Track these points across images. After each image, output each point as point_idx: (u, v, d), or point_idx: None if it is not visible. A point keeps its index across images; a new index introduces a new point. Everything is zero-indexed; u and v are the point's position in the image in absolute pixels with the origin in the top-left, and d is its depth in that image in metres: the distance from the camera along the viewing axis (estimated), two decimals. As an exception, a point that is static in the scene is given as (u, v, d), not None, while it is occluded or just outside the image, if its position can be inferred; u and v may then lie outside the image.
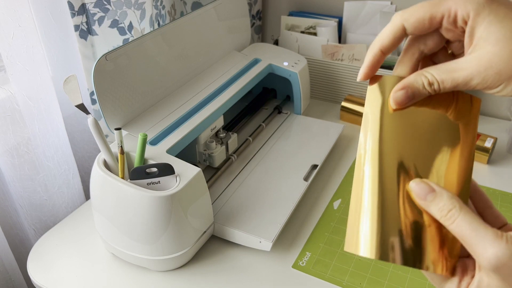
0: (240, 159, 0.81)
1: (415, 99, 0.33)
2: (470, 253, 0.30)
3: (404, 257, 0.32)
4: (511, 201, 0.74)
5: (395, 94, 0.33)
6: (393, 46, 0.33)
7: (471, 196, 0.34)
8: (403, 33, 0.32)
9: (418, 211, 0.33)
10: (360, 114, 0.95)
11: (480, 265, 0.30)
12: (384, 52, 0.33)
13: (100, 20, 0.75)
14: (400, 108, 0.34)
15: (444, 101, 0.34)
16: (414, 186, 0.33)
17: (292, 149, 0.84)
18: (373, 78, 0.36)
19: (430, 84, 0.32)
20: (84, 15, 0.72)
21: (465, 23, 0.31)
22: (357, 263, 0.63)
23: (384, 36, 0.33)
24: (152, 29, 0.85)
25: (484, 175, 0.81)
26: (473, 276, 0.31)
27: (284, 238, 0.68)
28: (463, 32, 0.32)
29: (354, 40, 1.05)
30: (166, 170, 0.58)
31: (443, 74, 0.31)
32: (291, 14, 1.12)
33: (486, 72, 0.30)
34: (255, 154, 0.82)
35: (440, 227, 0.32)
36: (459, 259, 0.33)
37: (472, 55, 0.30)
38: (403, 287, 0.60)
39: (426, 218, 0.32)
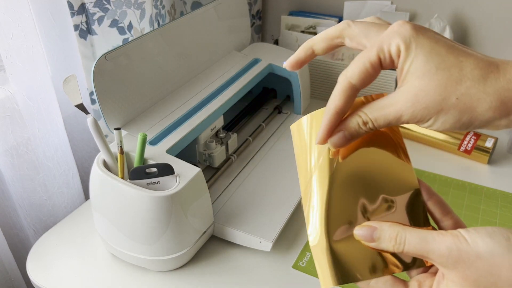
0: (240, 159, 0.81)
1: (353, 139, 0.33)
2: (432, 263, 0.31)
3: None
4: (511, 201, 0.74)
5: (333, 137, 0.33)
6: (347, 107, 0.33)
7: (426, 201, 0.35)
8: (354, 91, 0.32)
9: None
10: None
11: (441, 271, 0.31)
12: (340, 114, 0.33)
13: (100, 20, 0.74)
14: (338, 148, 0.34)
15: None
16: (359, 232, 0.33)
17: (292, 149, 0.83)
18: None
19: (365, 124, 0.32)
20: (84, 15, 0.72)
21: (399, 57, 0.31)
22: (357, 264, 0.63)
23: (336, 99, 0.32)
24: (152, 28, 0.85)
25: (484, 175, 0.81)
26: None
27: (284, 238, 0.68)
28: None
29: (354, 40, 1.05)
30: (166, 170, 0.58)
31: (375, 112, 0.31)
32: (291, 13, 1.12)
33: (414, 107, 0.29)
34: (255, 154, 0.82)
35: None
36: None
37: (401, 90, 0.31)
38: (403, 287, 0.60)
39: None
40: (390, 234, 0.32)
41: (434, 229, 0.33)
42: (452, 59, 0.29)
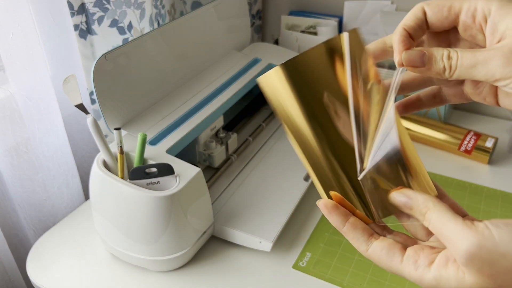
0: (240, 159, 0.81)
1: (427, 69, 0.32)
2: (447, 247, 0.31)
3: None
4: (512, 201, 0.74)
5: (410, 52, 0.32)
6: (416, 26, 0.33)
7: None
8: (423, 16, 0.33)
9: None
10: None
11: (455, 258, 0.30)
12: (408, 31, 0.33)
13: (100, 20, 0.74)
14: (410, 67, 0.32)
15: None
16: (397, 200, 0.34)
17: (292, 149, 0.83)
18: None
19: (449, 58, 0.31)
20: (84, 15, 0.72)
21: (485, 19, 0.31)
22: (357, 264, 0.63)
23: (406, 17, 0.33)
24: (151, 28, 0.85)
25: (485, 175, 0.80)
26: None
27: (284, 239, 0.67)
28: (480, 29, 0.32)
29: (355, 40, 1.05)
30: (165, 170, 0.58)
31: (466, 52, 0.31)
32: (291, 13, 1.12)
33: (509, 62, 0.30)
34: (255, 154, 0.82)
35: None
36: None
37: (499, 44, 0.30)
38: (403, 287, 0.60)
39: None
40: (421, 210, 0.32)
41: None
42: None
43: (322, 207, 0.36)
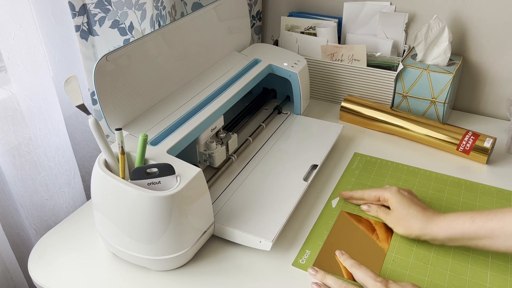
0: (240, 159, 0.81)
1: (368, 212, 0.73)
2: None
3: None
4: (506, 197, 0.74)
5: (365, 206, 0.73)
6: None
7: None
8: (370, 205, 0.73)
9: None
10: (360, 115, 0.95)
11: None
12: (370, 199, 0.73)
13: (101, 21, 0.75)
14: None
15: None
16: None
17: (292, 149, 0.84)
18: None
19: (377, 212, 0.71)
20: (85, 16, 0.73)
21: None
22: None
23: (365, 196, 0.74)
24: (152, 29, 0.85)
25: (483, 175, 0.81)
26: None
27: (284, 237, 0.68)
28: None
29: (354, 41, 1.05)
30: (166, 170, 0.58)
31: (381, 212, 0.71)
32: (291, 14, 1.12)
33: (392, 220, 0.68)
34: (255, 154, 0.83)
35: None
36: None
37: (390, 214, 0.69)
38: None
39: None
40: None
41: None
42: (407, 205, 0.67)
43: None
